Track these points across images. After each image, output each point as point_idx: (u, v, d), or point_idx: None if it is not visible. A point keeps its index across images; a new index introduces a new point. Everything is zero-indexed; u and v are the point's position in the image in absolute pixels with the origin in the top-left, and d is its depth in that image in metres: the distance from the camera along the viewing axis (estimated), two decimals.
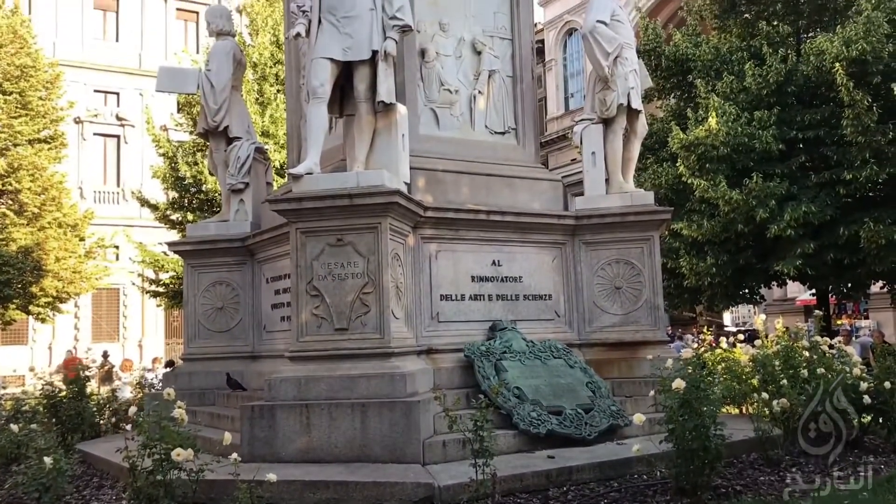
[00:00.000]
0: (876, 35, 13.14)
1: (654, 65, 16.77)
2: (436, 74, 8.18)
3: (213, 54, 9.36)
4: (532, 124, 8.77)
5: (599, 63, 8.14)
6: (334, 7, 6.89)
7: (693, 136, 14.10)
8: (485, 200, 7.86)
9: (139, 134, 34.94)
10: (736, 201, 13.67)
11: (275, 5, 22.84)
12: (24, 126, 23.55)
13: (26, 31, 25.31)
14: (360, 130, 7.01)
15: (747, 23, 16.27)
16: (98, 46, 36.78)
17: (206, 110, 9.12)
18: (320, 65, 6.83)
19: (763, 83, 14.40)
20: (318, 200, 6.47)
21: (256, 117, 20.04)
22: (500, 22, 8.68)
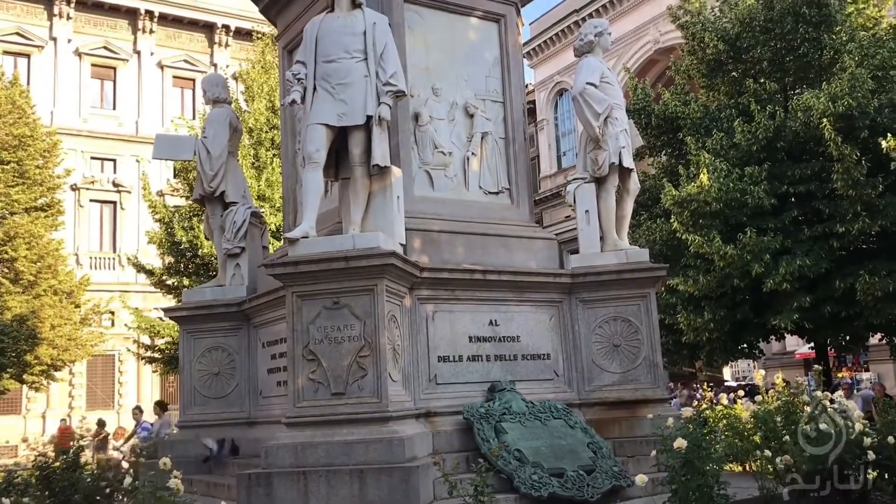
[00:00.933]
0: (861, 91, 13.39)
1: (645, 123, 17.03)
2: (429, 137, 8.28)
3: (210, 121, 9.49)
4: (525, 184, 8.85)
5: (590, 123, 8.26)
6: (329, 75, 7.01)
7: (685, 193, 14.22)
8: (481, 260, 7.88)
9: (136, 199, 35.18)
10: (731, 256, 13.73)
11: (270, 73, 23.24)
12: (21, 194, 23.72)
13: (25, 101, 25.70)
14: (355, 193, 7.07)
15: (734, 81, 16.57)
16: (95, 114, 37.30)
17: (202, 176, 9.19)
18: (316, 130, 6.92)
19: (752, 139, 14.60)
20: (314, 264, 6.48)
21: (252, 181, 20.21)
22: (491, 86, 8.82)
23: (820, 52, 15.45)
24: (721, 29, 16.36)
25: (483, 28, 8.91)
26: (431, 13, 8.53)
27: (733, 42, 16.04)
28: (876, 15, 16.58)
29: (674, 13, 18.22)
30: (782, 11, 15.29)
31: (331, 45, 7.10)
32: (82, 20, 37.40)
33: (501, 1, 8.96)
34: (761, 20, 15.56)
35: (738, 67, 16.47)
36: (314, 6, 8.33)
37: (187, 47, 40.00)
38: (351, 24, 7.17)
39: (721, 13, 17.15)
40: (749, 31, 15.74)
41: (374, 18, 7.21)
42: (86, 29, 37.51)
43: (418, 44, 8.36)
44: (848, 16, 15.71)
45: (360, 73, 7.02)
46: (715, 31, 16.32)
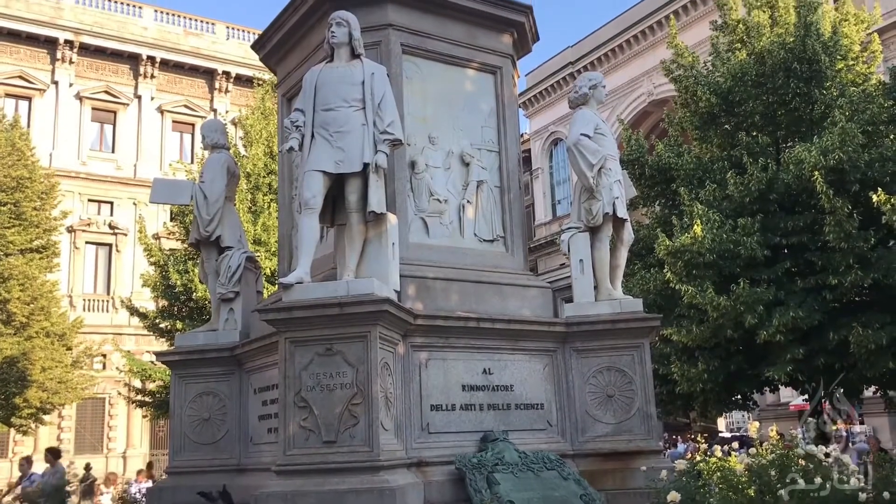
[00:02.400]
0: (851, 145, 13.56)
1: (638, 174, 17.19)
2: (425, 185, 8.35)
3: (208, 166, 9.56)
4: (520, 232, 8.91)
5: (584, 174, 8.35)
6: (327, 123, 7.11)
7: (679, 243, 14.30)
8: (475, 308, 7.89)
9: (131, 242, 35.19)
10: (724, 307, 13.76)
11: (269, 119, 23.47)
12: (17, 236, 23.74)
13: (24, 143, 25.88)
14: (350, 240, 7.11)
15: (727, 133, 16.77)
16: (94, 157, 37.55)
17: (198, 221, 9.23)
18: (313, 177, 6.99)
19: (745, 191, 14.73)
20: (308, 309, 6.49)
21: (249, 225, 20.27)
22: (487, 136, 8.93)
23: (811, 107, 15.68)
24: (714, 83, 16.62)
25: (480, 79, 9.05)
26: (429, 64, 8.67)
27: (726, 96, 16.28)
28: (865, 71, 16.87)
29: (667, 67, 18.52)
30: (774, 67, 15.56)
31: (330, 93, 7.21)
32: (84, 65, 37.85)
33: (498, 53, 9.12)
34: (753, 75, 15.81)
35: (731, 120, 16.68)
36: (314, 56, 8.48)
37: (188, 92, 40.44)
38: (350, 74, 7.29)
39: (713, 67, 17.43)
40: (741, 86, 15.98)
41: (372, 69, 7.34)
42: (87, 73, 37.94)
43: (416, 94, 8.48)
44: (838, 72, 15.99)
45: (358, 121, 7.11)
46: (708, 84, 16.58)
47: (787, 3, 16.96)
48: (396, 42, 8.34)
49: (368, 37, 7.87)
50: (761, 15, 16.79)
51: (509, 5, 9.08)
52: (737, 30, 17.40)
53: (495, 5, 8.97)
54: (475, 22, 8.88)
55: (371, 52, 7.87)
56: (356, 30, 7.42)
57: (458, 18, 8.76)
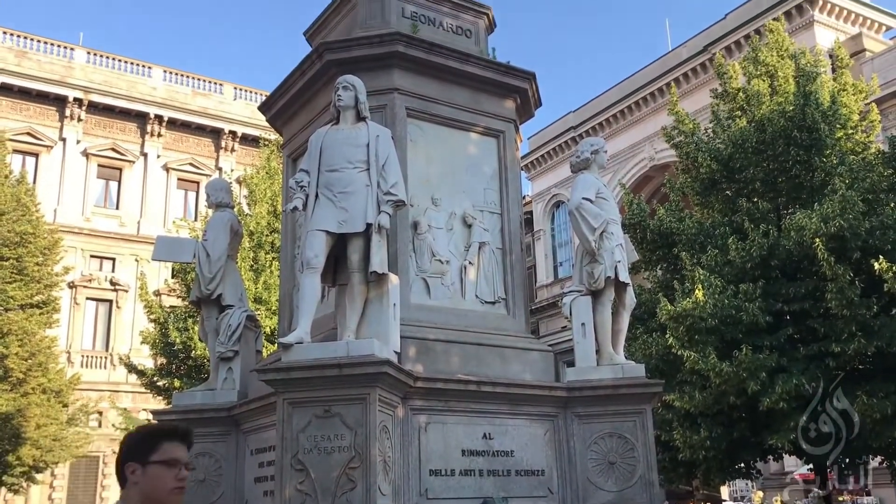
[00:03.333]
0: (852, 213, 13.63)
1: (640, 238, 17.25)
2: (427, 246, 8.37)
3: (211, 224, 9.59)
4: (522, 294, 8.89)
5: (586, 238, 8.36)
6: (331, 184, 7.16)
7: (681, 308, 14.26)
8: (475, 371, 7.82)
9: (132, 299, 35.14)
10: (726, 373, 13.64)
11: (274, 178, 23.70)
12: (18, 291, 23.71)
13: (30, 199, 26.06)
14: (351, 300, 7.09)
15: (728, 199, 16.89)
16: (98, 213, 37.78)
17: (200, 279, 9.22)
18: (316, 237, 7.01)
19: (747, 257, 14.75)
20: (307, 370, 6.43)
21: (250, 283, 20.28)
22: (489, 198, 8.99)
23: (811, 174, 15.82)
24: (714, 149, 16.81)
25: (483, 143, 9.15)
26: (433, 128, 8.78)
27: (726, 162, 16.44)
28: (864, 140, 17.08)
29: (668, 133, 18.76)
30: (774, 134, 15.75)
31: (335, 155, 7.28)
32: (92, 122, 38.37)
33: (501, 118, 9.24)
34: (753, 142, 16.00)
35: (732, 187, 16.81)
36: (320, 118, 8.60)
37: (193, 151, 40.89)
38: (355, 136, 7.38)
39: (714, 134, 17.66)
40: (742, 153, 16.16)
41: (377, 131, 7.43)
42: (95, 131, 38.43)
43: (419, 156, 8.57)
44: (837, 140, 16.18)
45: (362, 182, 7.17)
46: (708, 151, 16.76)
47: (787, 73, 17.27)
48: (401, 106, 8.46)
49: (374, 100, 7.99)
50: (761, 84, 17.08)
51: (513, 72, 9.25)
52: (737, 98, 17.68)
53: (499, 72, 9.14)
54: (479, 87, 9.03)
55: (376, 115, 7.98)
56: (362, 94, 7.53)
57: (463, 84, 8.91)
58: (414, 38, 8.56)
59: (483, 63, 9.07)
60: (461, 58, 8.84)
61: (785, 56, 18.00)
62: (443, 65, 8.73)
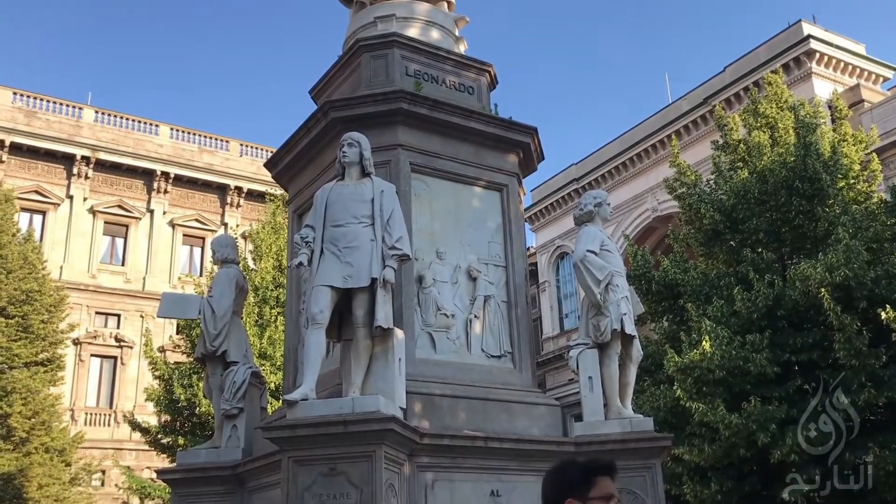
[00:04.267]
0: (857, 262, 13.61)
1: (645, 289, 17.22)
2: (433, 300, 8.37)
3: (217, 281, 9.63)
4: (528, 348, 8.86)
5: (591, 290, 8.36)
6: (337, 239, 7.20)
7: (688, 360, 14.17)
8: (482, 426, 7.75)
9: (137, 355, 35.02)
10: (736, 425, 13.48)
11: (280, 233, 23.79)
12: (23, 349, 23.67)
13: (36, 257, 26.20)
14: (356, 355, 7.07)
15: (732, 250, 16.90)
16: (104, 270, 37.89)
17: (205, 335, 9.22)
18: (321, 292, 7.02)
19: (753, 307, 14.70)
20: (312, 428, 6.38)
21: (255, 339, 20.20)
22: (494, 251, 9.02)
23: (815, 224, 15.85)
24: (717, 200, 16.88)
25: (486, 196, 9.23)
26: (437, 182, 8.86)
27: (729, 213, 16.50)
28: (866, 190, 17.15)
29: (670, 185, 18.86)
30: (776, 185, 15.83)
31: (340, 210, 7.34)
32: (99, 180, 38.74)
33: (504, 172, 9.33)
34: (756, 193, 16.08)
35: (736, 237, 16.83)
36: (325, 174, 8.69)
37: (200, 207, 41.17)
38: (360, 192, 7.44)
39: (716, 185, 17.74)
40: (744, 203, 16.22)
41: (382, 187, 7.50)
42: (102, 188, 38.78)
43: (424, 210, 8.64)
44: (840, 190, 16.25)
45: (367, 237, 7.21)
46: (711, 202, 16.83)
47: (787, 125, 17.43)
48: (406, 161, 8.55)
49: (378, 156, 8.08)
50: (761, 135, 17.23)
51: (515, 127, 9.36)
52: (738, 149, 17.82)
53: (501, 127, 9.26)
54: (482, 143, 9.14)
55: (381, 171, 8.06)
56: (367, 150, 7.62)
57: (466, 139, 9.02)
58: (417, 96, 8.70)
59: (485, 119, 9.20)
60: (464, 114, 8.97)
61: (784, 108, 18.19)
62: (446, 121, 8.85)
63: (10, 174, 36.09)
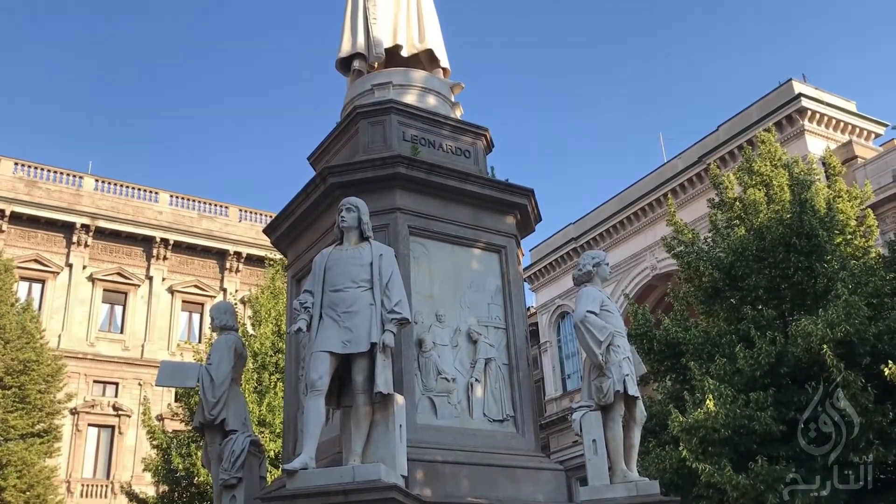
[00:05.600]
0: (857, 317, 13.57)
1: (647, 348, 17.12)
2: (433, 364, 8.30)
3: (216, 348, 9.54)
4: (530, 412, 8.75)
5: (593, 351, 8.29)
6: (336, 303, 7.17)
7: (692, 419, 14.00)
8: (486, 493, 7.60)
9: (135, 423, 34.63)
10: (744, 486, 13.25)
11: (279, 298, 23.76)
12: (19, 420, 23.40)
13: (35, 326, 26.12)
14: (356, 422, 6.97)
15: (733, 307, 16.86)
16: (103, 338, 37.73)
17: (203, 404, 9.10)
18: (320, 358, 6.96)
19: (755, 365, 14.59)
20: (312, 498, 6.24)
21: (254, 406, 19.99)
22: (494, 313, 8.99)
23: (814, 280, 15.84)
24: (715, 258, 16.91)
25: (485, 258, 9.23)
26: (436, 244, 8.88)
27: (728, 270, 16.51)
28: (864, 245, 17.20)
29: (668, 244, 18.91)
30: (773, 242, 15.88)
31: (339, 275, 7.32)
32: (99, 247, 38.87)
33: (502, 234, 9.36)
34: (754, 250, 16.12)
35: (736, 294, 16.81)
36: (324, 239, 8.71)
37: (199, 272, 41.21)
38: (358, 256, 7.44)
39: (714, 243, 17.80)
40: (743, 261, 16.25)
41: (380, 250, 7.50)
42: (101, 256, 38.88)
43: (423, 273, 8.63)
44: (837, 246, 16.29)
45: (366, 301, 7.18)
46: (709, 260, 16.86)
47: (781, 182, 17.57)
48: (404, 224, 8.59)
49: (377, 220, 8.11)
50: (757, 193, 17.35)
51: (511, 189, 9.43)
52: (734, 207, 17.93)
53: (498, 189, 9.32)
54: (479, 205, 9.19)
55: (379, 234, 8.08)
56: (365, 214, 7.65)
57: (463, 202, 9.07)
58: (415, 160, 8.78)
59: (482, 181, 9.27)
60: (461, 177, 9.04)
61: (778, 165, 18.37)
62: (443, 184, 8.92)
63: (10, 243, 36.22)
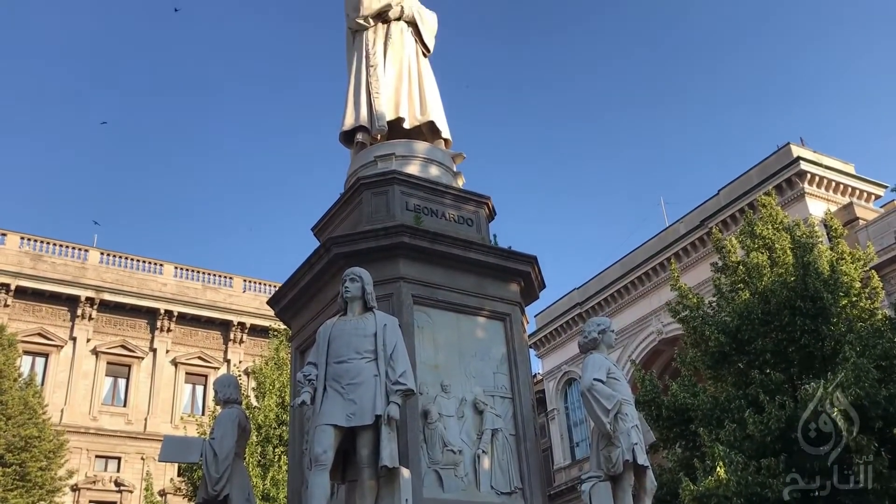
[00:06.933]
0: (867, 381, 13.42)
1: (655, 415, 16.91)
2: (439, 435, 8.19)
3: (219, 422, 9.46)
4: (538, 483, 8.59)
5: (600, 420, 8.20)
6: (340, 375, 7.13)
7: (704, 488, 13.75)
8: None
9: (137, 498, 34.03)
10: None
11: (283, 369, 23.62)
12: (19, 499, 22.98)
13: (37, 401, 25.90)
14: (362, 497, 6.86)
15: (740, 372, 16.70)
16: (105, 412, 37.36)
17: (207, 479, 8.97)
18: (324, 431, 6.89)
19: (766, 430, 14.38)
20: None
21: (258, 479, 19.70)
22: (500, 382, 8.90)
23: (821, 343, 15.72)
24: (721, 322, 16.83)
25: (490, 326, 9.20)
26: (440, 313, 8.85)
27: (734, 334, 16.41)
28: (870, 307, 17.11)
29: (673, 308, 18.86)
30: (779, 305, 15.82)
31: (343, 346, 7.30)
32: (103, 320, 38.81)
33: (506, 301, 9.34)
34: (759, 313, 16.05)
35: (743, 359, 16.68)
36: (328, 309, 8.70)
37: (202, 344, 41.05)
38: (363, 327, 7.43)
39: (719, 307, 17.74)
40: (749, 324, 16.17)
41: (384, 320, 7.49)
42: (105, 328, 38.79)
43: (427, 342, 8.58)
44: (843, 308, 16.22)
45: (371, 372, 7.14)
46: (715, 324, 16.78)
47: (784, 245, 17.60)
48: (408, 293, 8.58)
49: (380, 289, 8.13)
50: (760, 256, 17.38)
51: (514, 257, 9.46)
52: (738, 271, 17.93)
53: (501, 257, 9.35)
54: (483, 273, 9.21)
55: (383, 304, 8.08)
56: (369, 284, 7.67)
57: (467, 270, 9.09)
58: (418, 230, 8.83)
59: (485, 249, 9.31)
60: (464, 245, 9.08)
61: (780, 228, 18.43)
62: (447, 252, 8.95)
63: (15, 318, 36.20)
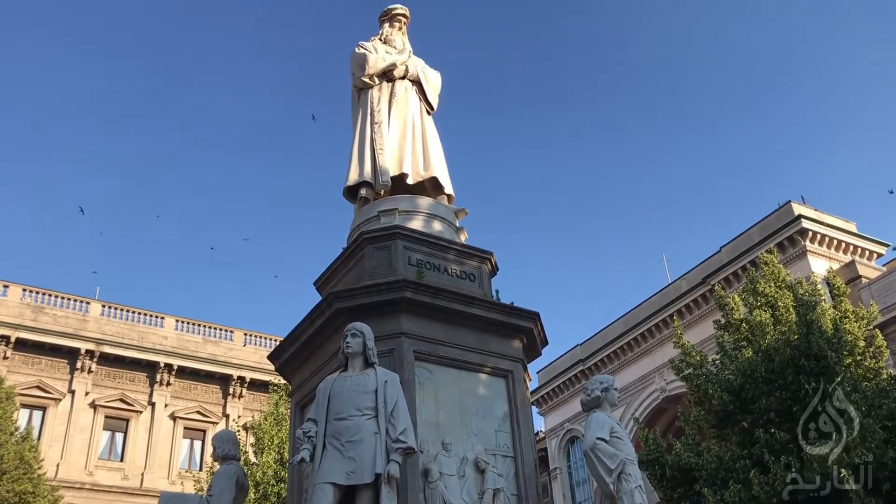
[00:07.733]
0: (874, 441, 13.25)
1: (659, 475, 16.66)
2: (439, 494, 8.06)
3: (217, 478, 9.34)
4: None
5: (604, 480, 8.08)
6: (340, 432, 7.05)
7: None
8: None
9: None
10: None
11: (282, 424, 23.38)
12: None
13: (33, 456, 25.54)
14: None
15: (745, 431, 16.50)
16: (102, 467, 36.80)
17: None
18: (323, 490, 6.78)
19: (771, 491, 14.17)
20: None
21: None
22: (501, 440, 8.80)
23: None
24: (724, 380, 16.69)
25: (491, 383, 9.13)
26: (441, 370, 8.80)
27: (738, 393, 16.26)
28: (874, 366, 16.98)
29: (676, 366, 18.72)
30: (782, 364, 15.71)
31: (343, 403, 7.23)
32: (102, 373, 38.52)
33: (508, 358, 9.29)
34: (763, 372, 15.93)
35: (747, 418, 16.49)
36: (328, 364, 8.65)
37: (202, 398, 40.68)
38: (363, 383, 7.37)
39: (723, 365, 17.60)
40: (752, 383, 16.03)
41: (385, 377, 7.43)
42: (104, 381, 38.47)
43: (428, 399, 8.51)
44: (847, 367, 16.10)
45: (371, 430, 7.06)
46: (719, 382, 16.64)
47: (787, 303, 17.56)
48: (409, 349, 8.54)
49: (382, 345, 8.09)
50: (763, 314, 17.31)
51: (517, 313, 9.44)
52: (740, 328, 17.85)
53: (503, 313, 9.33)
54: (485, 329, 9.18)
55: (385, 360, 8.03)
56: (370, 339, 7.63)
57: (469, 326, 9.06)
58: (420, 284, 8.83)
59: (487, 305, 9.30)
60: (466, 301, 9.07)
61: (783, 286, 18.40)
62: (448, 308, 8.94)
63: (14, 370, 35.95)
